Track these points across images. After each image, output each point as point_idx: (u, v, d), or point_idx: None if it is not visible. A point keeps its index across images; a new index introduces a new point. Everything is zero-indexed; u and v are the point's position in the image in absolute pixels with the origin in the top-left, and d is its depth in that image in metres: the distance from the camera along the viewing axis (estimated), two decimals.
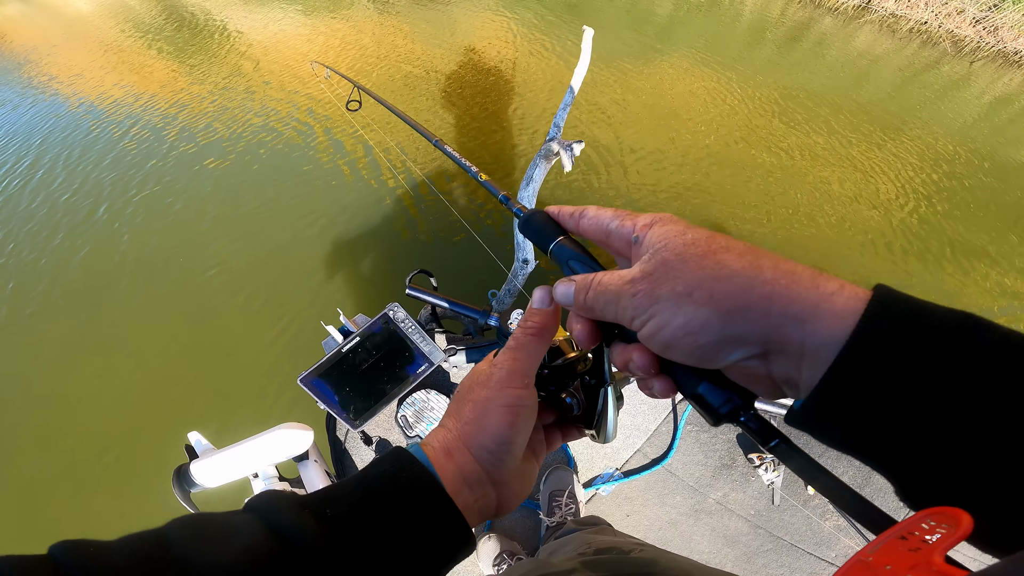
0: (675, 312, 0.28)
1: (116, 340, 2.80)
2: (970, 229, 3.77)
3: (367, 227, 3.32)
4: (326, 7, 7.08)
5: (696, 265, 0.28)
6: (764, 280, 0.26)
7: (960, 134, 5.01)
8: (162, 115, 4.67)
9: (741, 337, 0.27)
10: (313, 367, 1.38)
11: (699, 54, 5.88)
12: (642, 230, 0.32)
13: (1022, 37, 6.84)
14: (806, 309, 0.25)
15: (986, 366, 0.22)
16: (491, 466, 0.35)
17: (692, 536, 1.40)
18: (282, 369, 2.59)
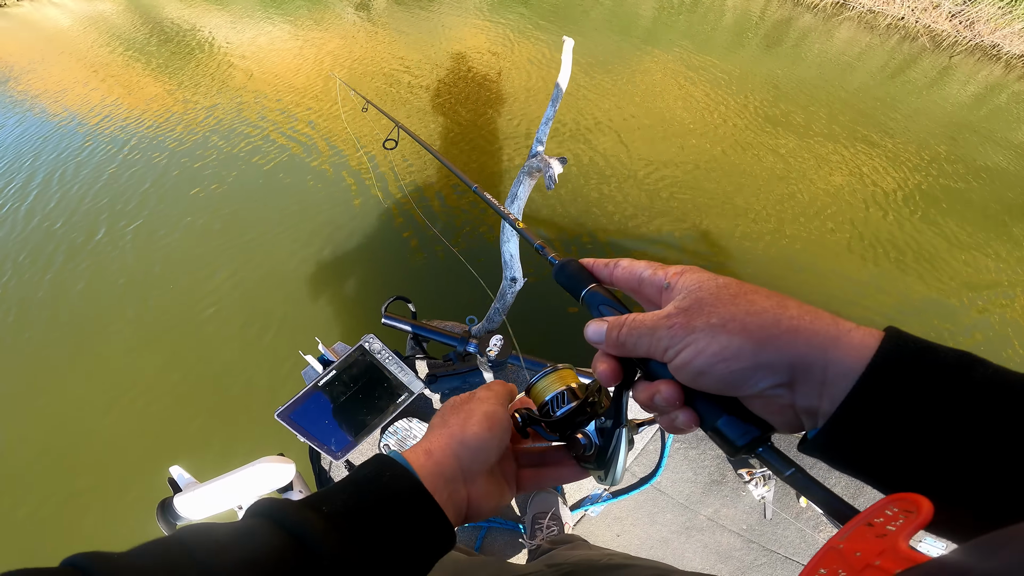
0: (710, 340, 0.31)
1: (100, 371, 2.75)
2: (955, 220, 3.80)
3: (349, 253, 3.27)
4: (312, 19, 7.08)
5: (729, 302, 0.32)
6: (791, 316, 0.30)
7: (944, 129, 5.05)
8: (149, 134, 4.61)
9: (771, 364, 0.30)
10: (290, 401, 1.36)
11: (685, 55, 5.92)
12: (673, 277, 0.36)
13: (999, 31, 6.94)
14: (828, 340, 0.29)
15: (978, 398, 0.25)
16: (466, 462, 0.40)
17: (684, 554, 1.38)
18: (265, 400, 2.56)
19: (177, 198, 3.78)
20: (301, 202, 3.66)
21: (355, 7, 7.49)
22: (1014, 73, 6.60)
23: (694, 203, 3.70)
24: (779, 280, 3.19)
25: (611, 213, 3.54)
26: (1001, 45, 6.96)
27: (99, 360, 2.80)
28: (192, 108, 4.91)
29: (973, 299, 3.21)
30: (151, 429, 2.50)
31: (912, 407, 0.26)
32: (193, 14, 7.53)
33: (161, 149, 4.34)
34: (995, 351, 2.90)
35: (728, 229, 3.50)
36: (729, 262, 3.29)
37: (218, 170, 4.02)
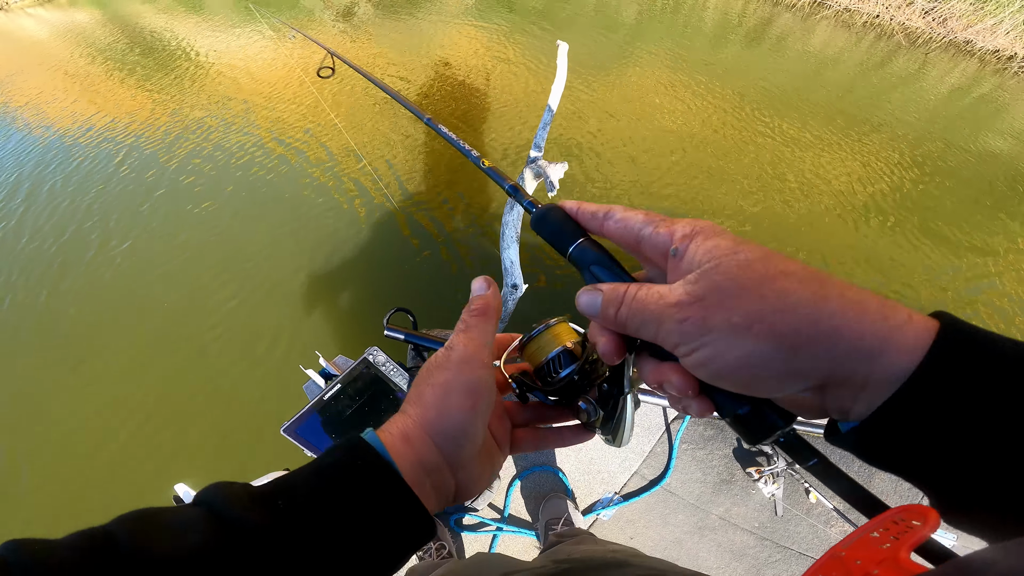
0: (731, 345, 0.26)
1: (101, 393, 2.67)
2: (936, 210, 3.89)
3: (346, 266, 3.23)
4: (293, 27, 7.02)
5: (755, 294, 0.25)
6: (831, 312, 0.24)
7: (923, 123, 5.18)
8: (141, 147, 4.50)
9: (804, 372, 0.25)
10: (296, 416, 1.33)
11: (670, 53, 5.99)
12: (681, 242, 0.29)
13: (971, 27, 7.13)
14: (875, 344, 0.24)
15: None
16: (450, 451, 0.34)
17: (698, 553, 1.38)
18: (268, 416, 2.51)
19: (171, 215, 3.71)
20: (295, 214, 3.62)
21: (338, 15, 7.45)
22: (988, 68, 6.79)
23: (679, 195, 3.74)
24: None
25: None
26: (974, 41, 7.15)
27: (99, 382, 2.73)
28: (180, 120, 4.83)
29: (960, 266, 3.30)
30: (155, 449, 2.45)
31: (960, 411, 0.23)
32: (174, 24, 7.42)
33: (152, 164, 4.26)
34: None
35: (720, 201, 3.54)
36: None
37: (211, 185, 3.96)
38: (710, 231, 0.28)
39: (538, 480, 1.52)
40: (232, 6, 7.89)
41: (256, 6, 7.39)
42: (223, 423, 2.53)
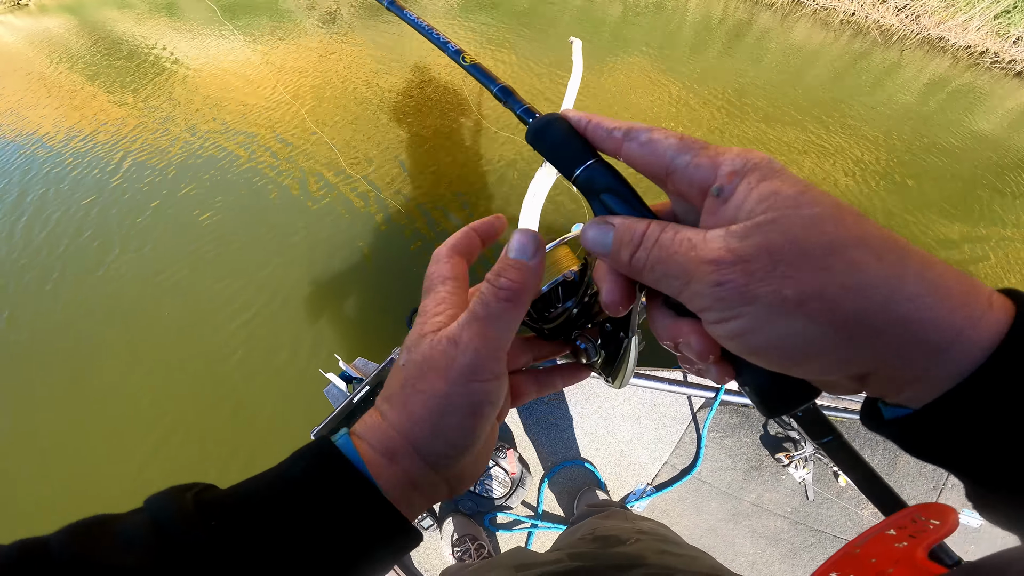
0: (775, 320, 0.21)
1: (119, 411, 2.57)
2: (910, 203, 4.00)
3: (349, 268, 3.20)
4: (272, 32, 6.92)
5: (819, 264, 0.20)
6: (906, 296, 0.20)
7: (898, 118, 5.33)
8: (135, 158, 4.39)
9: (854, 362, 0.21)
10: (327, 420, 1.31)
11: (651, 54, 6.07)
12: (730, 179, 0.22)
13: (943, 24, 7.39)
14: (946, 339, 0.20)
15: None
16: (445, 467, 0.29)
17: (734, 540, 1.39)
18: (289, 422, 2.46)
19: (174, 227, 3.61)
20: (297, 222, 3.56)
21: (322, 19, 7.37)
22: (961, 64, 7.04)
23: None
24: None
25: None
26: (947, 37, 7.41)
27: (111, 400, 2.63)
28: (173, 127, 4.72)
29: None
30: (177, 463, 2.37)
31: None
32: (151, 31, 7.25)
33: (148, 173, 4.15)
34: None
35: None
36: None
37: (209, 195, 3.87)
38: (768, 169, 0.22)
39: (569, 474, 1.51)
40: (209, 11, 7.75)
41: (222, 13, 7.28)
42: (246, 434, 2.47)
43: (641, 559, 0.57)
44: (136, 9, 8.09)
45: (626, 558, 0.59)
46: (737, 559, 1.36)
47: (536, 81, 5.30)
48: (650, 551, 0.62)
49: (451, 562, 1.29)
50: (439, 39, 0.46)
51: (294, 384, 2.60)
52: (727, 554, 1.36)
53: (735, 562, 1.35)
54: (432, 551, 1.38)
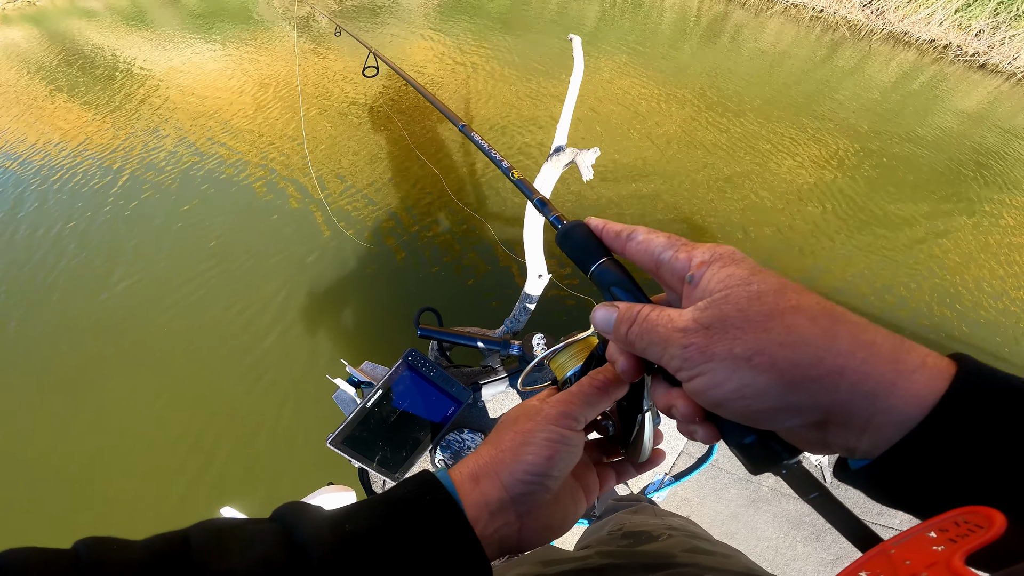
0: (730, 374, 0.26)
1: (123, 425, 2.47)
2: (884, 194, 4.13)
3: (343, 274, 3.15)
4: (247, 40, 6.79)
5: (760, 326, 0.25)
6: (838, 351, 0.24)
7: (870, 111, 5.50)
8: (120, 169, 4.24)
9: (800, 407, 0.25)
10: (341, 426, 1.26)
11: (631, 48, 6.14)
12: (698, 268, 0.29)
13: (907, 18, 7.65)
14: (881, 386, 0.23)
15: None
16: (520, 496, 0.34)
17: (756, 525, 1.39)
18: (298, 430, 2.40)
19: (158, 241, 3.49)
20: (289, 232, 3.49)
21: (298, 27, 7.27)
22: (927, 58, 7.29)
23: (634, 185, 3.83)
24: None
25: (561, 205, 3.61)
26: (911, 32, 7.67)
27: (119, 414, 2.53)
28: (166, 143, 4.58)
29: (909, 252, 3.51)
30: (186, 477, 2.29)
31: (976, 461, 0.22)
32: (123, 41, 7.05)
33: (144, 187, 4.01)
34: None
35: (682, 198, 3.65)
36: None
37: (208, 206, 3.76)
38: (728, 259, 0.29)
39: None
40: (184, 21, 7.58)
41: (192, 20, 7.13)
42: (251, 445, 2.40)
43: (672, 558, 0.57)
44: (102, 20, 7.86)
45: (656, 556, 0.58)
46: (760, 544, 1.36)
47: (518, 86, 5.31)
48: (681, 548, 0.61)
49: None
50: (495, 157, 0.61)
51: (303, 392, 2.54)
52: (750, 539, 1.37)
53: (759, 547, 1.35)
54: None
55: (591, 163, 1.40)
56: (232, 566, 0.26)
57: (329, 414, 2.34)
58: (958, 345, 2.94)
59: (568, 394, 0.36)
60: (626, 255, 0.35)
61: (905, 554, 0.21)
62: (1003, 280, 3.38)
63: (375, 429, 1.31)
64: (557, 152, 1.50)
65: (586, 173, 1.37)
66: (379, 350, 2.67)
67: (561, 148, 1.50)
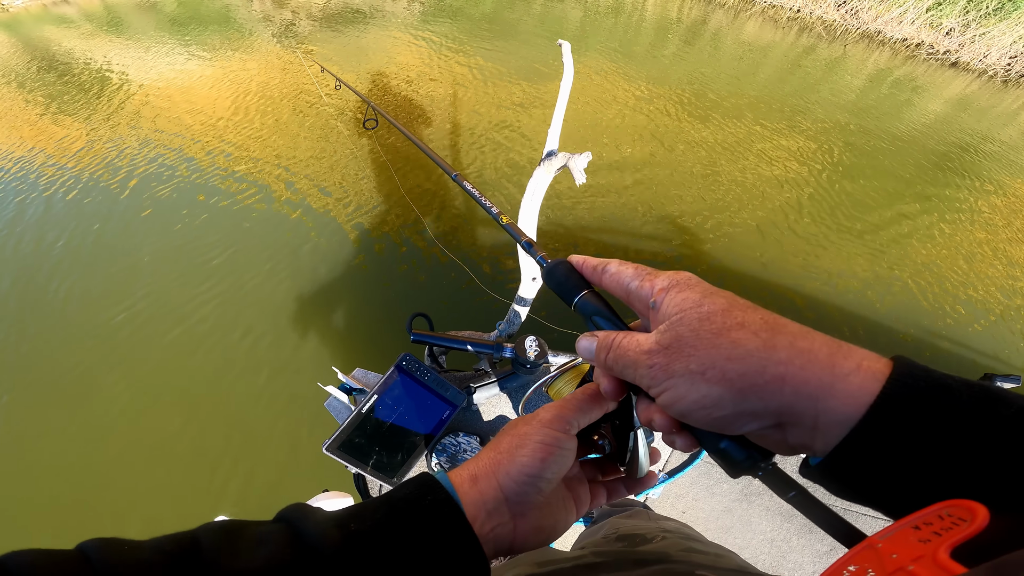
0: (689, 388, 0.29)
1: (111, 438, 2.42)
2: (863, 186, 4.23)
3: (332, 282, 3.12)
4: (226, 47, 6.70)
5: (710, 343, 0.29)
6: (778, 360, 0.27)
7: (847, 109, 5.62)
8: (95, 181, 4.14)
9: (754, 412, 0.28)
10: (337, 432, 1.26)
11: (612, 53, 6.20)
12: (659, 295, 0.32)
13: (880, 18, 7.84)
14: (819, 390, 0.26)
15: (1002, 439, 0.23)
16: (514, 495, 0.36)
17: (750, 519, 1.41)
18: (292, 438, 2.37)
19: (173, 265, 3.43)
20: (278, 240, 3.45)
21: (279, 31, 7.20)
22: (900, 56, 7.48)
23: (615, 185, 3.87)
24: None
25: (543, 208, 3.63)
26: (884, 31, 7.87)
27: (107, 428, 2.47)
28: (137, 152, 4.49)
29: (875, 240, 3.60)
30: (177, 489, 2.25)
31: (915, 453, 0.25)
32: (101, 48, 6.91)
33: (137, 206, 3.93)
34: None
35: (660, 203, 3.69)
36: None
37: (186, 219, 3.70)
38: (684, 284, 0.32)
39: None
40: (159, 26, 7.46)
41: (170, 25, 7.03)
42: (244, 455, 2.36)
43: (666, 556, 0.58)
44: (82, 28, 7.70)
45: (651, 555, 0.59)
46: (756, 537, 1.38)
47: (498, 92, 5.32)
48: (675, 549, 0.63)
49: None
50: (485, 204, 0.68)
51: (296, 400, 2.51)
52: (745, 533, 1.39)
53: (754, 540, 1.38)
54: None
55: (583, 167, 1.41)
56: (243, 565, 0.27)
57: (323, 422, 2.32)
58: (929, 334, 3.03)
59: (562, 401, 0.39)
60: (602, 286, 0.39)
61: (891, 548, 0.22)
62: (966, 274, 3.48)
63: (371, 434, 1.31)
64: (549, 156, 1.51)
65: (579, 177, 1.38)
66: (370, 357, 2.66)
67: (553, 152, 1.51)
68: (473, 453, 1.42)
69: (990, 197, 4.36)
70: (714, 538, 1.39)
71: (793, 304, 3.10)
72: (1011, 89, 6.90)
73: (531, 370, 1.58)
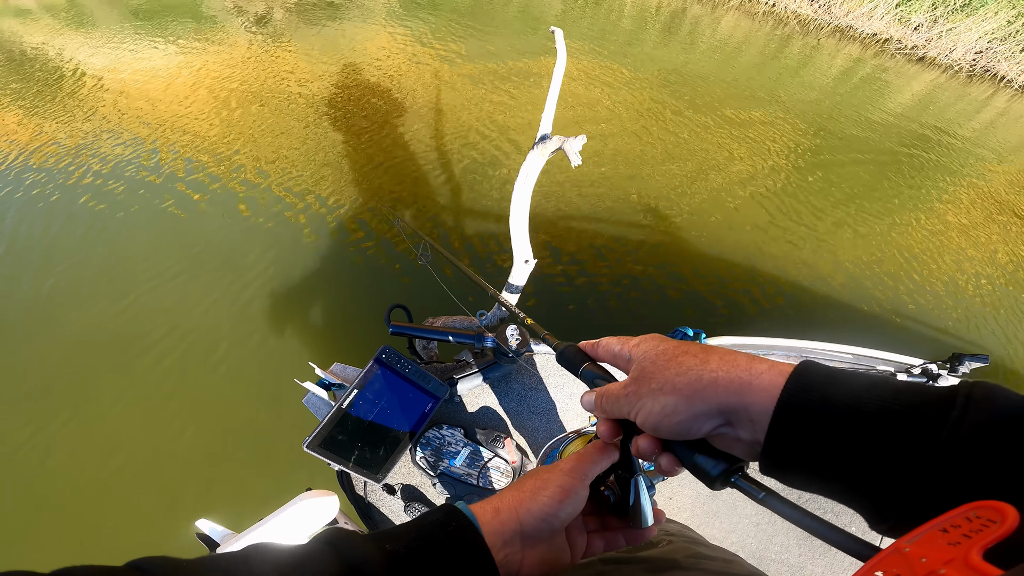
0: (654, 402, 0.38)
1: (86, 441, 2.31)
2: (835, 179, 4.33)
3: (306, 276, 3.04)
4: (196, 38, 6.48)
5: (664, 368, 0.39)
6: (711, 370, 0.36)
7: (820, 100, 5.74)
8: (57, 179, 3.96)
9: (704, 412, 0.36)
10: (317, 429, 1.22)
11: (591, 45, 6.20)
12: (632, 350, 0.43)
13: (851, 12, 8.01)
14: (742, 387, 0.34)
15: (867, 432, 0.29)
16: (530, 530, 0.41)
17: (735, 503, 1.42)
18: (271, 437, 2.31)
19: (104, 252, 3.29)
20: (240, 237, 3.35)
21: (252, 22, 7.00)
22: (870, 51, 7.66)
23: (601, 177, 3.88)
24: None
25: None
26: (855, 26, 8.04)
27: (91, 427, 2.37)
28: (109, 148, 4.31)
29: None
30: (157, 490, 2.18)
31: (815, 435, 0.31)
32: (70, 43, 6.60)
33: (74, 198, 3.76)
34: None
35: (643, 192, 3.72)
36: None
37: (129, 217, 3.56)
38: (650, 339, 0.43)
39: None
40: (121, 19, 7.18)
41: (134, 16, 6.78)
42: (220, 454, 2.30)
43: (675, 563, 0.59)
44: (42, 21, 7.35)
45: (660, 562, 0.60)
46: (742, 521, 1.39)
47: (480, 86, 5.28)
48: (682, 555, 0.63)
49: None
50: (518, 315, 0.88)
51: (274, 398, 2.45)
52: (731, 517, 1.40)
53: (740, 523, 1.39)
54: None
55: (578, 149, 1.41)
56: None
57: (302, 419, 2.27)
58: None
59: (578, 454, 0.47)
60: (598, 358, 0.50)
61: (920, 551, 0.21)
62: (925, 264, 3.60)
63: (352, 430, 1.27)
64: (543, 140, 1.51)
65: (574, 159, 1.38)
66: (347, 352, 2.61)
67: (546, 136, 1.51)
68: (458, 446, 1.40)
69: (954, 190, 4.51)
70: (701, 523, 1.40)
71: (776, 284, 3.15)
72: (975, 84, 7.14)
73: (513, 359, 1.56)
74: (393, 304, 1.62)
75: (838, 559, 1.39)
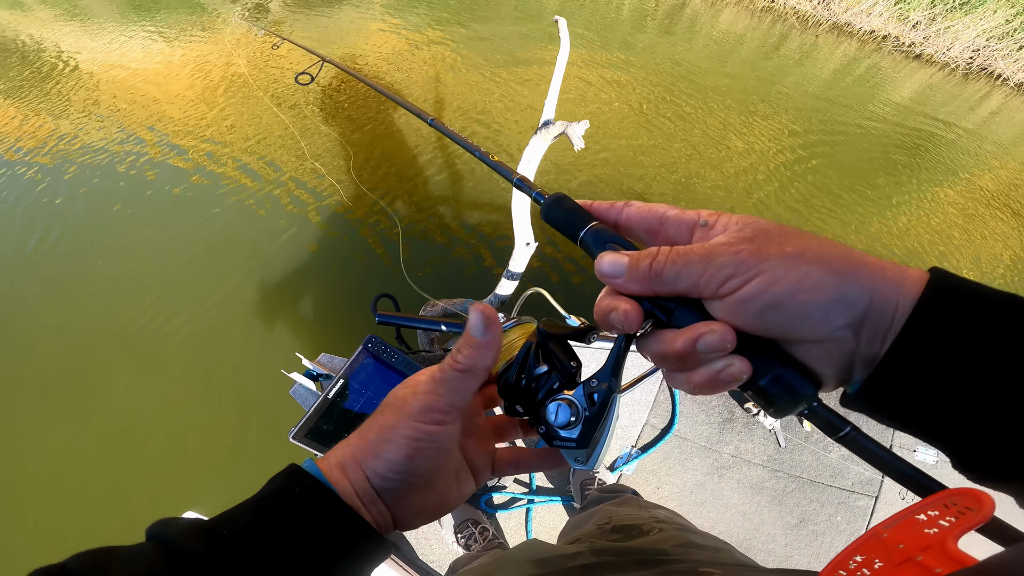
0: (788, 269, 0.27)
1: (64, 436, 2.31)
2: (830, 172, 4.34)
3: (294, 268, 3.03)
4: (191, 30, 6.42)
5: (798, 235, 0.29)
6: (859, 252, 0.28)
7: (817, 96, 5.74)
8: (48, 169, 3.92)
9: (852, 299, 0.27)
10: (304, 419, 1.22)
11: (590, 38, 6.18)
12: (711, 217, 0.31)
13: (850, 9, 7.99)
14: (898, 275, 0.27)
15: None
16: (382, 489, 0.33)
17: (722, 492, 1.44)
18: (257, 428, 2.31)
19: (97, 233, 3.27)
20: (235, 229, 3.33)
21: (249, 12, 6.93)
22: (867, 48, 7.65)
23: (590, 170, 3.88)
24: None
25: None
26: (853, 23, 8.02)
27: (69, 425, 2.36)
28: (92, 143, 4.27)
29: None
30: (144, 481, 2.18)
31: (959, 350, 0.25)
32: (59, 34, 6.53)
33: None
34: None
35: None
36: None
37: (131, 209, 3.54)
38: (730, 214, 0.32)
39: None
40: (115, 10, 7.10)
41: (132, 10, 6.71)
42: (206, 447, 2.30)
43: (664, 553, 0.57)
44: (36, 13, 7.27)
45: (649, 552, 0.58)
46: (729, 511, 1.41)
47: (478, 75, 5.25)
48: (672, 543, 0.62)
49: (456, 549, 1.25)
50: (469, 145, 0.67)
51: (260, 389, 2.45)
52: (719, 506, 1.41)
53: (727, 513, 1.40)
54: (435, 542, 1.34)
55: (581, 133, 1.43)
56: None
57: (289, 410, 2.27)
58: None
59: (432, 382, 0.33)
60: (623, 221, 0.35)
61: (898, 537, 0.21)
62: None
63: (339, 420, 1.27)
64: (546, 125, 1.52)
65: (577, 143, 1.40)
66: (335, 342, 2.60)
67: (549, 122, 1.53)
68: None
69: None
70: (687, 513, 1.41)
71: None
72: (971, 82, 7.15)
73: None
74: (380, 293, 1.62)
75: (824, 548, 1.41)
